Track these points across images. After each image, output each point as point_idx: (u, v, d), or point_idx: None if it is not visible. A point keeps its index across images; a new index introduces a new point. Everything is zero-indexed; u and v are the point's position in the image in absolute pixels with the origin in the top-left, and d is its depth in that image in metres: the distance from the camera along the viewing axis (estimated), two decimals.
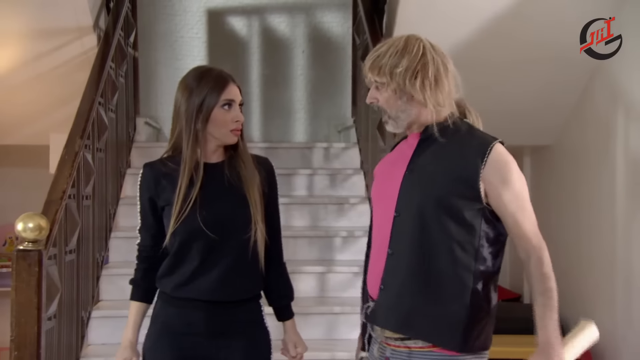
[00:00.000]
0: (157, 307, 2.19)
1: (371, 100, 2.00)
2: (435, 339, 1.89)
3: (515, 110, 4.33)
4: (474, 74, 4.08)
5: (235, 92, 2.15)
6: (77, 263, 3.15)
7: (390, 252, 1.94)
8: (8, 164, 5.06)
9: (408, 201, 1.91)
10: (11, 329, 2.50)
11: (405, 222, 1.91)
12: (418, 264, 1.89)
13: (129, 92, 4.42)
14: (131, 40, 4.54)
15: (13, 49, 4.15)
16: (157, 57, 5.31)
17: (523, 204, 1.90)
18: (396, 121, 1.98)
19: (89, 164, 3.31)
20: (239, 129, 2.14)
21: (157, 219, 2.15)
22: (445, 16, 3.87)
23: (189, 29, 5.37)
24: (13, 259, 2.49)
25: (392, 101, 1.96)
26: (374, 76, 1.96)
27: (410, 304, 1.90)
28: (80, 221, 3.17)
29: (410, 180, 1.94)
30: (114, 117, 3.93)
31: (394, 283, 1.92)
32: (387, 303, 1.94)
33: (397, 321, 1.92)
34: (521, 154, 5.27)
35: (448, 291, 1.88)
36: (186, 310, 2.11)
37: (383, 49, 1.97)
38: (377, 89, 1.97)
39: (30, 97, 4.40)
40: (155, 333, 2.17)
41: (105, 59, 3.69)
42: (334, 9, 5.32)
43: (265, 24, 5.42)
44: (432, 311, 1.89)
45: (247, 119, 5.31)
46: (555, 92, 4.29)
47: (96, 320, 3.49)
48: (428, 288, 1.89)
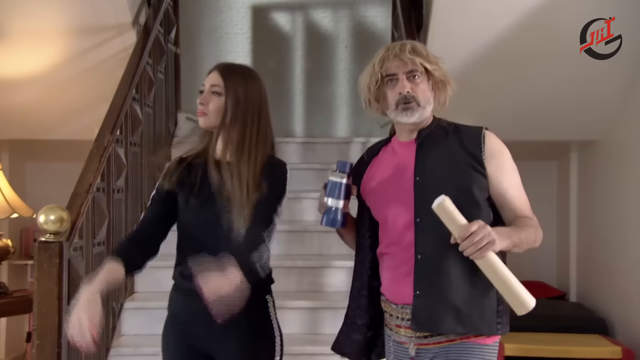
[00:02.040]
0: (170, 296, 2.26)
1: (408, 90, 2.00)
2: (485, 328, 1.94)
3: (554, 104, 4.22)
4: (509, 67, 4.06)
5: (209, 77, 2.19)
6: (106, 255, 3.21)
7: (419, 257, 1.95)
8: (56, 159, 5.23)
9: (428, 205, 1.90)
10: (34, 318, 2.57)
11: (429, 226, 1.92)
12: (455, 264, 1.91)
13: (169, 87, 4.48)
14: (172, 36, 4.61)
15: (58, 46, 4.26)
16: (202, 53, 5.37)
17: (520, 185, 2.04)
18: (423, 112, 2.02)
19: (120, 158, 3.37)
20: (200, 110, 2.17)
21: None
22: (481, 9, 3.79)
23: (233, 25, 5.41)
24: (35, 251, 2.57)
25: (427, 92, 2.04)
26: (423, 60, 1.99)
27: (460, 302, 1.92)
28: (111, 214, 3.24)
29: (422, 185, 1.97)
30: (151, 112, 4.00)
31: (433, 286, 1.93)
32: (431, 306, 1.93)
33: (451, 320, 1.92)
34: (568, 150, 5.13)
35: (484, 280, 1.90)
36: (190, 300, 2.12)
37: (412, 43, 2.04)
38: (412, 78, 2.00)
39: (75, 93, 4.52)
40: (167, 321, 2.26)
41: (141, 55, 3.75)
42: (377, 3, 5.29)
43: (309, 19, 5.42)
44: (480, 304, 1.93)
45: (290, 114, 5.41)
46: (600, 84, 4.15)
47: (129, 312, 3.57)
48: (471, 283, 1.92)
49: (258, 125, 2.16)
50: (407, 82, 2.00)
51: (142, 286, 3.79)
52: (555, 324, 4.39)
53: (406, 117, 2.01)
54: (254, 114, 2.15)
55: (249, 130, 2.15)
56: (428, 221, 1.92)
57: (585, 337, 4.27)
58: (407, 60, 1.98)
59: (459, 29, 3.93)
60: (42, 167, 5.42)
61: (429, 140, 2.04)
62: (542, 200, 5.23)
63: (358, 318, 2.14)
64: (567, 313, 4.63)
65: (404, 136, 2.09)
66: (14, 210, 4.19)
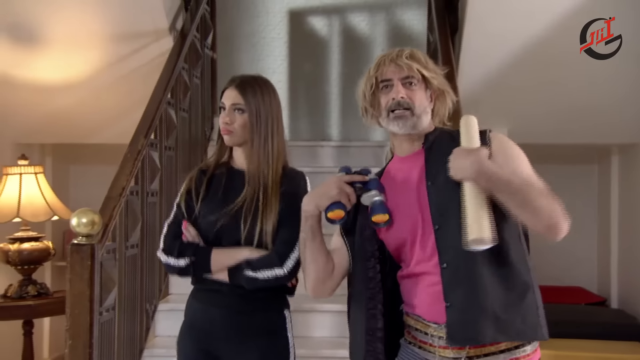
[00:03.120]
0: (187, 302, 2.29)
1: (402, 95, 1.91)
2: (530, 332, 1.83)
3: (593, 106, 4.15)
4: (547, 69, 4.00)
5: (227, 95, 2.23)
6: (140, 257, 3.27)
7: (445, 266, 1.82)
8: (98, 162, 5.33)
9: (445, 212, 1.83)
10: (66, 319, 2.63)
11: (450, 233, 1.81)
12: (484, 268, 1.80)
13: (205, 92, 4.53)
14: (209, 41, 4.66)
15: (97, 52, 4.35)
16: (240, 58, 5.41)
17: (534, 173, 1.88)
18: (418, 121, 1.93)
19: (154, 161, 3.42)
20: (225, 129, 2.20)
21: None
22: (517, 11, 3.76)
23: (270, 30, 5.44)
24: (68, 253, 2.62)
25: (423, 100, 1.95)
26: (420, 67, 1.92)
27: (497, 307, 1.79)
28: (144, 217, 3.29)
29: (436, 193, 1.87)
30: (187, 116, 4.05)
31: (465, 295, 1.80)
32: (466, 318, 1.80)
33: (491, 330, 1.79)
34: (608, 153, 5.03)
35: (519, 282, 1.83)
36: (208, 307, 2.20)
37: (410, 50, 1.97)
38: (408, 85, 1.92)
39: (114, 98, 4.60)
40: (183, 328, 2.29)
41: (176, 60, 3.80)
42: (414, 7, 5.26)
43: (345, 22, 5.42)
44: (519, 307, 1.82)
45: (325, 118, 5.40)
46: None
47: (163, 313, 3.62)
48: (505, 287, 1.81)
49: (277, 134, 2.20)
50: (402, 88, 1.92)
51: (175, 288, 3.84)
52: (595, 331, 4.30)
53: (398, 126, 1.92)
54: (273, 124, 2.21)
55: (270, 141, 2.20)
56: (447, 228, 1.83)
57: (625, 344, 4.18)
58: (403, 65, 1.91)
59: (495, 31, 3.89)
60: (84, 170, 5.54)
61: (437, 144, 1.94)
62: (582, 205, 5.15)
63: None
64: (607, 320, 4.53)
65: (406, 149, 1.99)
66: (55, 212, 4.29)
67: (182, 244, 2.18)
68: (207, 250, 2.15)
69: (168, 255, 2.18)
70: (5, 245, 4.20)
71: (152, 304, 3.49)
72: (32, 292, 4.21)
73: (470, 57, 4.04)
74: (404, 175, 1.97)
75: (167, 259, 2.18)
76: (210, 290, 2.20)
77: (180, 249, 2.16)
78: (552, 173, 5.11)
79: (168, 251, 2.19)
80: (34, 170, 4.33)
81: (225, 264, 2.13)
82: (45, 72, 4.41)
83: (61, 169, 5.47)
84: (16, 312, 4.16)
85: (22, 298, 4.18)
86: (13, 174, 4.27)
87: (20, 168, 4.29)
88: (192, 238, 2.17)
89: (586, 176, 5.33)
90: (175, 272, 2.20)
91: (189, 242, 2.18)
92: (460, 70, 3.99)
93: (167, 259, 2.18)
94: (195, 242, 2.17)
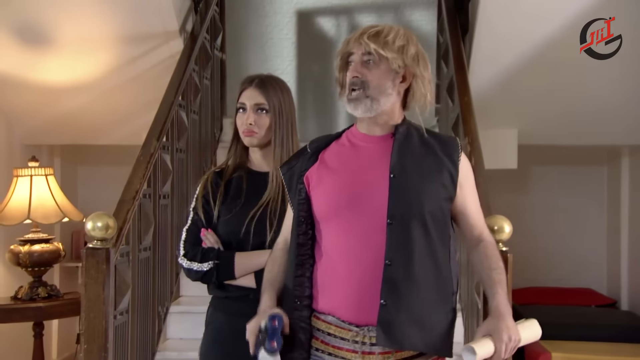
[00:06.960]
0: (209, 313, 2.27)
1: (356, 75, 1.82)
2: (446, 350, 1.82)
3: (603, 107, 4.15)
4: (557, 71, 3.99)
5: (248, 95, 2.20)
6: (153, 260, 3.27)
7: (388, 263, 1.75)
8: (105, 162, 5.35)
9: (403, 207, 1.78)
10: (80, 323, 2.62)
11: (403, 230, 1.77)
12: (427, 272, 1.78)
13: (215, 93, 4.53)
14: (218, 42, 4.65)
15: (107, 54, 4.35)
16: (248, 58, 5.41)
17: (479, 203, 1.96)
18: (372, 103, 1.82)
19: (166, 164, 3.42)
20: (249, 130, 2.17)
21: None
22: (528, 13, 3.75)
23: (279, 30, 5.44)
24: (83, 257, 2.62)
25: (383, 80, 1.83)
26: (377, 47, 1.81)
27: (431, 318, 1.78)
28: (157, 219, 3.29)
29: (398, 186, 1.79)
30: (197, 118, 4.05)
31: (403, 296, 1.75)
32: (397, 318, 1.74)
33: (423, 338, 1.77)
34: (618, 154, 5.02)
35: (447, 298, 1.83)
36: (235, 319, 2.11)
37: (385, 29, 1.85)
38: (366, 64, 1.82)
39: (124, 99, 4.61)
40: (208, 339, 2.25)
41: (187, 62, 3.80)
42: (422, 7, 5.24)
43: (354, 23, 5.40)
44: (441, 320, 1.81)
45: (333, 118, 5.39)
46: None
47: (175, 316, 3.62)
48: (439, 297, 1.81)
49: (293, 133, 2.20)
50: (360, 66, 1.83)
51: (187, 290, 3.84)
52: (605, 333, 4.30)
53: (351, 108, 1.84)
54: (289, 123, 2.19)
55: (291, 140, 2.19)
56: (400, 224, 1.77)
57: (636, 347, 4.17)
58: (362, 43, 1.82)
59: (506, 33, 3.88)
60: (92, 170, 5.55)
61: (408, 138, 1.86)
62: (591, 206, 5.14)
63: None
64: (618, 322, 4.53)
65: (372, 129, 1.90)
66: (65, 214, 4.29)
67: (204, 248, 2.17)
68: (230, 254, 2.14)
69: (191, 260, 2.17)
70: (16, 247, 4.20)
71: (164, 306, 3.49)
72: (42, 294, 4.21)
73: (480, 59, 4.03)
74: (366, 153, 1.89)
75: (190, 265, 2.17)
76: (236, 299, 2.17)
77: (203, 253, 2.16)
78: (561, 174, 5.12)
79: (190, 257, 2.18)
80: (44, 172, 4.33)
81: (250, 268, 2.10)
82: (55, 74, 4.41)
83: (69, 169, 5.48)
84: (27, 314, 4.16)
85: (32, 300, 4.18)
86: (24, 176, 4.27)
87: (30, 170, 4.29)
88: (211, 244, 2.16)
89: (595, 177, 5.32)
90: (198, 277, 2.18)
91: (210, 247, 2.17)
92: (471, 71, 3.98)
93: (190, 265, 2.17)
94: (216, 247, 2.16)
